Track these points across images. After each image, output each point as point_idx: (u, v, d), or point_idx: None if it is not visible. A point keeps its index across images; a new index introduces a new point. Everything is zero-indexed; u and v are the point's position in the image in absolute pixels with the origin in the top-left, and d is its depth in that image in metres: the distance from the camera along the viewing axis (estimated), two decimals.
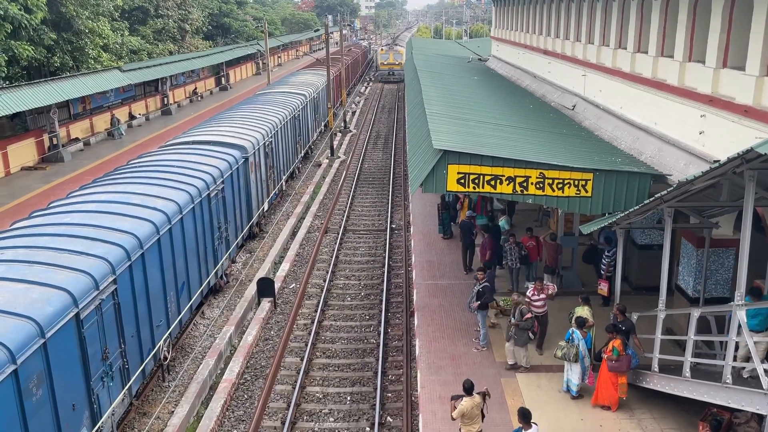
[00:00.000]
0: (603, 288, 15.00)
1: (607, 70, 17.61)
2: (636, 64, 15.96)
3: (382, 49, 72.54)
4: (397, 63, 68.37)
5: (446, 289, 17.18)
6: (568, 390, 12.27)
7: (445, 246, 20.52)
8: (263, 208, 23.73)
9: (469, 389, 10.22)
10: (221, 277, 18.65)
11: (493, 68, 34.19)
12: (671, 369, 11.45)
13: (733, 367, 9.57)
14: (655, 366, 11.56)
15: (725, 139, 11.39)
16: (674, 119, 13.44)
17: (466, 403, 10.10)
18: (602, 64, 18.13)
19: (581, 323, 12.20)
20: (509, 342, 13.14)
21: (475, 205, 20.99)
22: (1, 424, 8.34)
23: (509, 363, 13.21)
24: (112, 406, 11.28)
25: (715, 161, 9.41)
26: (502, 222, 18.63)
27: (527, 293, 13.79)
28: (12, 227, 13.12)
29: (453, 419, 10.32)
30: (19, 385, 8.67)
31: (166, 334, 13.95)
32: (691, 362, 10.61)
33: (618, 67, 16.98)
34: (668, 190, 10.35)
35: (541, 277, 15.23)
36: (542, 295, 13.71)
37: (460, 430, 10.31)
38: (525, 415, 9.58)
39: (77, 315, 10.13)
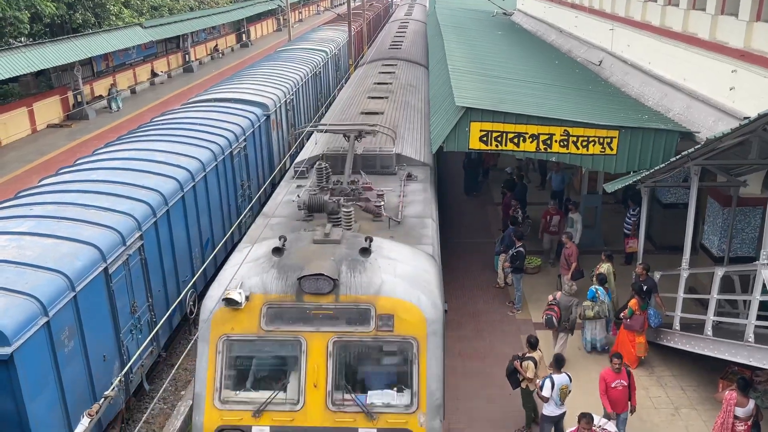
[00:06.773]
0: (632, 245, 14.71)
1: (636, 23, 17.12)
2: (666, 17, 15.49)
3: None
4: None
5: (466, 248, 17.20)
6: (594, 347, 12.40)
7: (465, 204, 20.45)
8: (285, 166, 23.76)
9: (534, 344, 10.30)
10: (245, 233, 18.84)
11: (518, 23, 33.41)
12: (693, 327, 11.44)
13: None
14: (677, 324, 11.56)
15: (756, 95, 11.08)
16: (704, 75, 13.09)
17: (536, 356, 10.20)
18: (631, 17, 17.62)
19: (602, 280, 12.26)
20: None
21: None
22: (36, 374, 8.67)
23: None
24: (142, 357, 11.63)
25: (745, 118, 9.17)
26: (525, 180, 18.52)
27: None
28: (40, 183, 13.36)
29: (530, 379, 10.02)
30: (52, 336, 8.95)
31: (192, 288, 14.24)
32: (714, 321, 10.58)
33: (647, 20, 16.50)
34: (695, 147, 10.16)
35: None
36: None
37: (527, 386, 10.23)
38: (558, 361, 9.75)
39: (106, 269, 10.37)
